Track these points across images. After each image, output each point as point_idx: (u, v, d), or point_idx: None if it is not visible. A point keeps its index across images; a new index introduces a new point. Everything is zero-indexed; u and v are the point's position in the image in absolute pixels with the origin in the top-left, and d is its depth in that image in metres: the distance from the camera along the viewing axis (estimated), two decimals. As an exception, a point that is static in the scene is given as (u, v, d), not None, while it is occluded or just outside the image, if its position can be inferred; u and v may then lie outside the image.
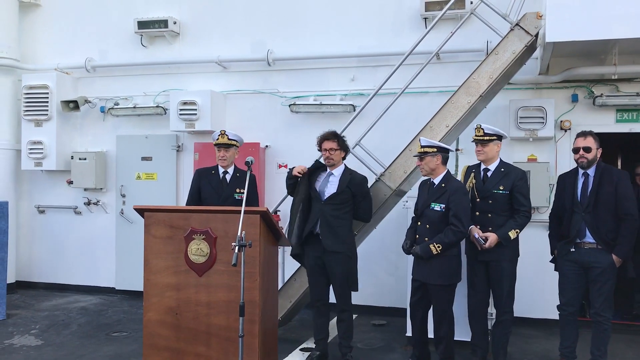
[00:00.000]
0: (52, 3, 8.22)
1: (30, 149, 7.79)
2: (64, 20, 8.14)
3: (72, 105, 7.70)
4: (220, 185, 4.82)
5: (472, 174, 4.94)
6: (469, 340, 5.10)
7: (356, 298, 7.01)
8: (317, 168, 5.16)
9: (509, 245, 4.72)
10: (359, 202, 5.02)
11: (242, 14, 7.50)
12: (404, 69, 6.08)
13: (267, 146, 7.34)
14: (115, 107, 7.74)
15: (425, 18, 6.83)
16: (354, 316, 6.81)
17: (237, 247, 3.20)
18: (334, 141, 4.99)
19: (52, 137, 7.78)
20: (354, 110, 6.99)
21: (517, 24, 5.40)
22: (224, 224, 3.50)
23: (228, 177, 4.98)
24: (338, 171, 5.05)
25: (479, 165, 4.99)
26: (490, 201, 4.77)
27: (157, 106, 7.56)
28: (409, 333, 5.47)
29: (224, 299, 3.39)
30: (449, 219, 4.53)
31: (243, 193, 4.55)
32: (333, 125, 6.56)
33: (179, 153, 7.63)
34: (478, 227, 4.78)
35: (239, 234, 3.23)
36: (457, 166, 6.66)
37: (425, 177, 4.88)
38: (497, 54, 5.42)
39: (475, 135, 4.86)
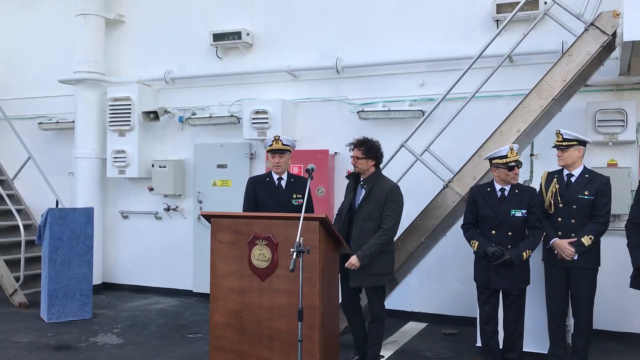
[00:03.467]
0: (135, 19, 8.68)
1: (115, 157, 8.26)
2: (146, 35, 8.58)
3: (153, 115, 8.09)
4: (277, 192, 4.86)
5: (555, 180, 4.83)
6: (545, 352, 4.96)
7: (427, 306, 7.01)
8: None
9: (582, 251, 4.60)
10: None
11: (312, 24, 7.62)
12: (476, 73, 6.00)
13: (336, 153, 7.41)
14: (193, 117, 8.07)
15: (497, 20, 6.67)
16: (424, 325, 6.77)
17: (295, 253, 3.27)
18: (360, 149, 4.78)
19: (134, 146, 8.20)
20: (423, 116, 6.94)
21: (591, 24, 5.19)
22: (285, 229, 3.57)
23: (283, 183, 5.00)
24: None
25: (561, 170, 4.87)
26: (575, 206, 4.69)
27: (231, 115, 7.81)
28: (479, 343, 5.36)
29: (285, 304, 3.46)
30: (532, 223, 4.62)
31: (300, 199, 4.68)
32: (402, 131, 6.59)
33: (252, 160, 7.84)
34: (560, 233, 4.67)
35: (297, 240, 3.30)
36: (531, 172, 6.45)
37: (483, 184, 4.92)
38: (571, 55, 5.23)
39: (556, 141, 4.83)
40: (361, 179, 4.85)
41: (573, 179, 4.78)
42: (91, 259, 7.14)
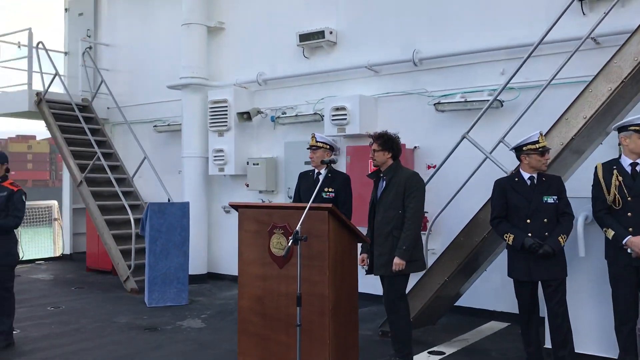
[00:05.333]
0: (234, 25, 9.25)
1: (215, 156, 8.87)
2: (242, 40, 9.11)
3: (246, 116, 8.57)
4: (313, 185, 5.03)
5: (615, 171, 4.41)
6: (616, 357, 4.57)
7: (510, 306, 6.66)
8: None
9: None
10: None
11: (392, 18, 7.59)
12: (560, 59, 5.64)
13: (416, 147, 7.31)
14: (282, 116, 8.41)
15: (581, 0, 6.18)
16: (505, 325, 6.45)
17: (291, 241, 3.39)
18: (377, 142, 4.89)
19: (231, 146, 8.75)
20: (502, 106, 6.63)
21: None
22: (299, 219, 3.67)
23: (320, 177, 5.22)
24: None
25: (617, 160, 4.45)
26: None
27: (315, 113, 8.03)
28: (547, 344, 5.06)
29: (301, 291, 3.57)
30: (562, 209, 4.48)
31: (331, 192, 4.93)
32: (481, 122, 6.31)
33: (336, 157, 7.96)
34: (631, 229, 4.28)
35: (296, 228, 3.41)
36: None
37: (508, 176, 4.81)
38: (644, 31, 4.72)
39: (615, 127, 4.55)
40: (381, 172, 4.94)
41: (639, 169, 4.33)
42: (187, 250, 7.75)
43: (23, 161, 70.62)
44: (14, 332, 5.91)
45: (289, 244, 3.41)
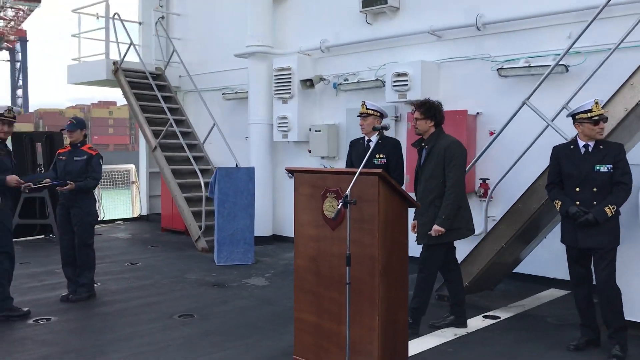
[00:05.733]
0: (297, -7, 9.37)
1: (279, 123, 9.12)
2: (306, 8, 9.22)
3: (309, 83, 8.73)
4: (364, 152, 5.10)
5: None
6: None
7: (568, 273, 6.61)
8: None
9: None
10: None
11: (456, -19, 7.48)
12: (632, 21, 5.46)
13: (478, 113, 7.26)
14: (344, 82, 8.52)
15: (656, -44, 5.88)
16: (565, 293, 6.41)
17: (341, 204, 3.56)
18: (419, 110, 4.91)
19: (294, 112, 8.97)
20: (567, 71, 6.46)
21: None
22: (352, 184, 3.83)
23: (371, 144, 5.31)
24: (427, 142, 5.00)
25: None
26: None
27: (377, 79, 8.08)
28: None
29: (351, 252, 3.75)
30: (616, 178, 4.34)
31: (383, 158, 5.04)
32: (545, 88, 6.17)
33: (397, 123, 8.04)
34: None
35: (347, 192, 3.58)
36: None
37: (566, 142, 4.70)
38: None
39: None
40: (424, 140, 5.00)
41: None
42: (253, 213, 8.10)
43: (105, 126, 73.91)
44: (95, 284, 6.45)
45: (339, 207, 3.59)
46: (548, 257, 6.62)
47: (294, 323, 4.30)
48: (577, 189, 4.45)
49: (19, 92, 70.18)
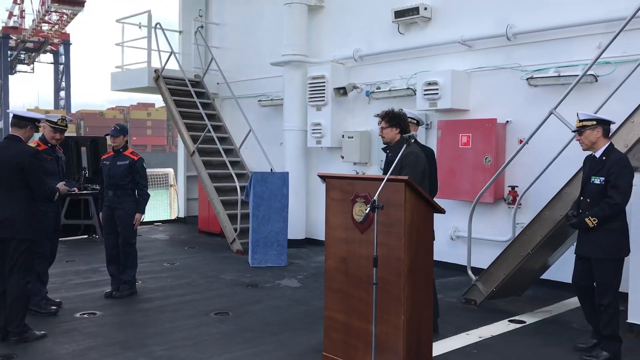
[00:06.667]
0: (333, 4, 9.63)
1: (313, 129, 9.38)
2: (340, 17, 9.48)
3: (342, 91, 8.98)
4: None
5: None
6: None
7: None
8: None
9: None
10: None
11: (487, -8, 7.63)
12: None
13: (508, 121, 7.39)
14: (376, 91, 8.73)
15: (687, -32, 5.93)
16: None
17: (369, 209, 3.79)
18: (384, 119, 5.01)
19: (328, 119, 9.23)
20: (596, 81, 6.56)
21: None
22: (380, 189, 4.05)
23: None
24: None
25: None
26: None
27: (408, 88, 8.27)
28: (630, 319, 5.16)
29: (378, 254, 3.97)
30: (608, 191, 4.45)
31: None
32: (574, 97, 6.28)
33: (428, 131, 8.21)
34: None
35: (375, 197, 3.80)
36: None
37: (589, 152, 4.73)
38: None
39: None
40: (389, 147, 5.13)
41: None
42: (286, 216, 8.37)
43: (143, 127, 75.18)
44: (136, 282, 6.80)
45: (367, 211, 3.81)
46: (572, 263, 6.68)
47: (324, 321, 4.54)
48: (581, 198, 4.69)
49: (62, 93, 72.19)
